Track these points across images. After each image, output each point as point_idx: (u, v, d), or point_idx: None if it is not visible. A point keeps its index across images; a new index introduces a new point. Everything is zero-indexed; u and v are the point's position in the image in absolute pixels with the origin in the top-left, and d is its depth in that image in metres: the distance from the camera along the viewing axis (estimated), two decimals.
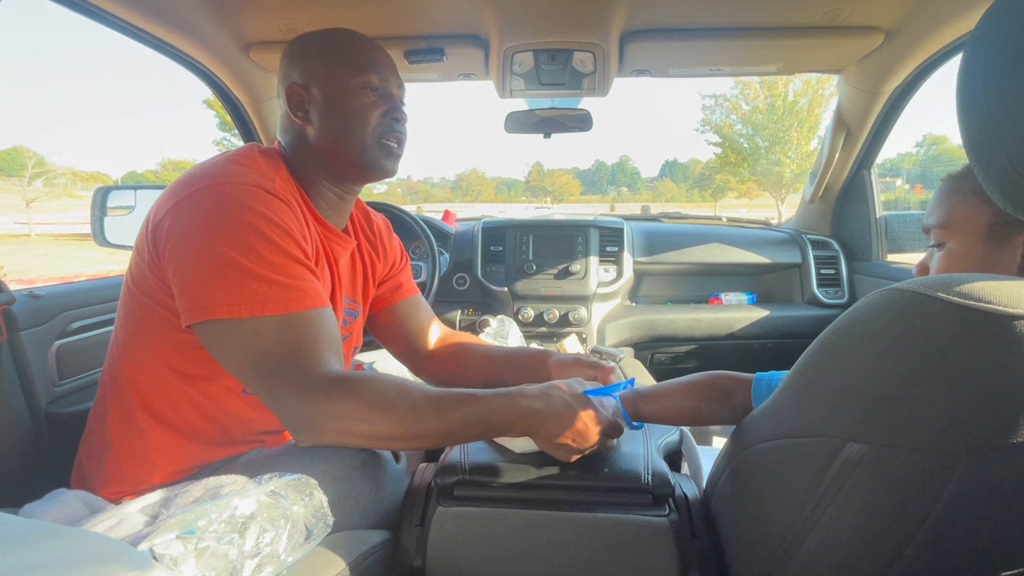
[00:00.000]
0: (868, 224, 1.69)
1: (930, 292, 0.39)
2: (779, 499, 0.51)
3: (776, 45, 1.28)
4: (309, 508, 0.55)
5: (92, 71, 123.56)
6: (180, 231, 0.65)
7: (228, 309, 0.62)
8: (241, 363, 0.64)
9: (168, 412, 0.71)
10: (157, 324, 0.70)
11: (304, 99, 0.79)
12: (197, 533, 0.47)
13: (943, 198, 0.66)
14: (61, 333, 1.04)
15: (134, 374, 0.72)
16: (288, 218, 0.69)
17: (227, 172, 0.69)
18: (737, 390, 0.72)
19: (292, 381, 0.62)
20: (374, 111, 0.79)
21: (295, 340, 0.63)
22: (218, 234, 0.64)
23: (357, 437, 0.64)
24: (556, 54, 1.29)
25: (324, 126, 0.78)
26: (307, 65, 0.79)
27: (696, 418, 0.75)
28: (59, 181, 27.23)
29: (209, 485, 0.58)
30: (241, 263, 0.63)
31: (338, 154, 0.79)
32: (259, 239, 0.65)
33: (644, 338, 1.73)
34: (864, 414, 0.43)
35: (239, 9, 1.16)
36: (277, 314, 0.63)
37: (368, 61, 0.80)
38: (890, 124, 1.56)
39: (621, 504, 0.65)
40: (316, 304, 0.67)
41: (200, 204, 0.66)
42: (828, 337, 0.48)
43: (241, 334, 0.63)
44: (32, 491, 0.68)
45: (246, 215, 0.65)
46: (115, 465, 0.72)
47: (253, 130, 1.57)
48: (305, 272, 0.68)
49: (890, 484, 0.42)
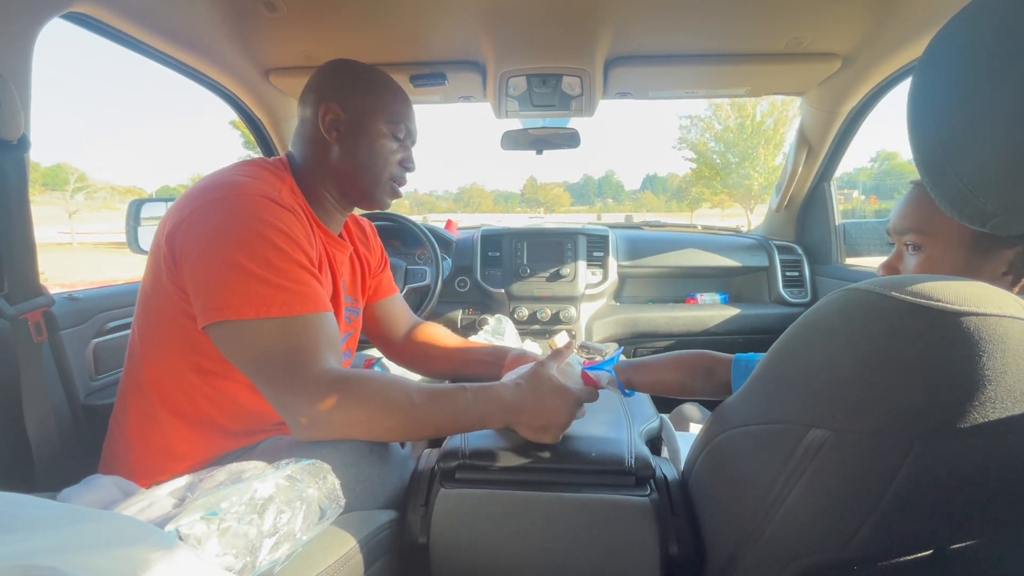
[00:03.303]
0: (828, 231, 1.69)
1: (885, 291, 0.39)
2: (750, 480, 0.51)
3: (745, 70, 1.28)
4: (323, 490, 0.55)
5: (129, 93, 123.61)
6: (195, 239, 0.65)
7: (236, 311, 0.61)
8: (247, 361, 0.63)
9: (189, 409, 0.70)
10: (175, 326, 0.68)
11: (338, 120, 0.79)
12: (220, 514, 0.47)
13: (921, 203, 0.61)
14: (98, 332, 1.03)
15: (157, 376, 0.71)
16: (294, 226, 0.68)
17: (237, 184, 0.68)
18: (718, 368, 0.72)
19: (293, 379, 0.61)
20: (394, 156, 0.82)
21: (297, 341, 0.63)
22: (229, 241, 0.63)
23: (354, 432, 0.63)
24: (547, 78, 1.29)
25: (349, 151, 0.79)
26: (350, 95, 0.79)
27: (681, 391, 0.75)
28: (99, 195, 27.11)
29: (232, 470, 0.57)
30: (250, 268, 0.62)
31: (353, 179, 0.81)
32: (267, 246, 0.64)
33: (628, 334, 1.73)
34: (825, 402, 0.42)
35: (260, 38, 1.15)
36: (281, 316, 0.62)
37: (403, 115, 0.82)
38: (847, 141, 1.56)
39: (607, 485, 0.65)
40: (318, 308, 0.66)
41: (213, 214, 0.65)
42: (793, 333, 0.48)
43: (247, 334, 0.62)
44: (71, 477, 0.67)
45: (255, 224, 0.65)
46: (138, 461, 0.71)
47: (273, 148, 1.57)
48: (309, 278, 0.67)
49: (849, 466, 0.42)
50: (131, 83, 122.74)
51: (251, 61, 1.25)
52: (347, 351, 0.92)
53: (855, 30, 1.13)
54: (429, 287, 1.57)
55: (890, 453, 0.39)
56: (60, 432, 0.91)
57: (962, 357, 0.36)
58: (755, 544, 0.50)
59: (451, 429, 0.67)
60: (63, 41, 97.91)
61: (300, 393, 0.61)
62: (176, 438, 0.70)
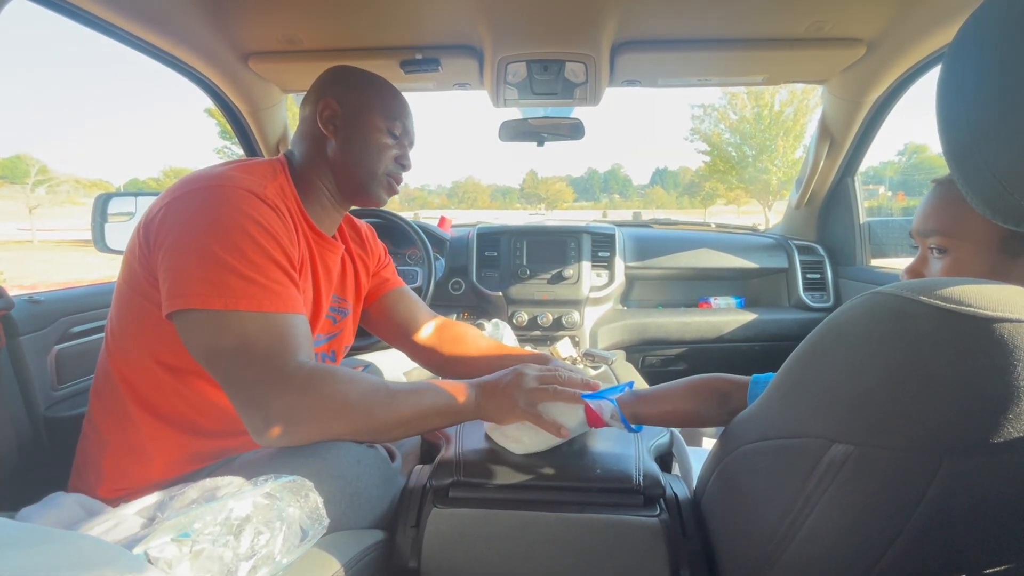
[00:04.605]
0: (852, 230, 1.70)
1: (913, 296, 0.39)
2: (767, 499, 0.51)
3: (762, 56, 1.29)
4: (304, 509, 0.55)
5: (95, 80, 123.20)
6: (169, 225, 0.67)
7: (202, 299, 0.62)
8: (208, 353, 0.64)
9: (162, 406, 0.71)
10: (146, 319, 0.70)
11: (335, 115, 0.84)
12: (192, 536, 0.47)
13: (945, 203, 0.61)
14: (60, 338, 1.03)
15: (126, 370, 0.72)
16: (276, 224, 0.70)
17: (221, 176, 0.71)
18: (733, 392, 0.71)
19: (263, 373, 0.62)
20: (390, 152, 0.87)
21: (264, 338, 0.64)
22: (205, 230, 0.65)
23: (328, 428, 0.64)
24: (548, 64, 1.29)
25: (345, 145, 0.84)
26: (348, 91, 0.85)
27: (694, 421, 0.74)
28: (62, 188, 27.03)
29: (205, 487, 0.57)
30: (222, 257, 0.64)
31: (348, 172, 0.85)
32: (243, 238, 0.66)
33: (635, 341, 1.73)
34: (849, 415, 0.42)
35: (239, 20, 1.15)
36: (250, 311, 0.64)
37: (400, 113, 0.88)
38: (872, 133, 1.57)
39: (613, 505, 0.65)
40: (288, 308, 0.67)
41: (191, 203, 0.68)
42: (814, 340, 0.48)
43: (211, 324, 0.63)
44: (31, 495, 0.67)
45: (234, 215, 0.67)
46: (112, 462, 0.72)
47: (252, 138, 1.57)
48: (283, 277, 0.69)
49: (875, 484, 0.42)
50: (97, 68, 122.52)
51: (228, 45, 1.25)
52: (331, 352, 0.93)
53: (881, 13, 1.14)
54: (421, 289, 1.57)
55: (918, 470, 0.39)
56: (19, 447, 0.90)
57: (995, 366, 0.36)
58: (773, 569, 0.50)
59: (430, 413, 0.70)
60: (22, 22, 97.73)
61: (271, 387, 0.62)
62: (149, 436, 0.71)
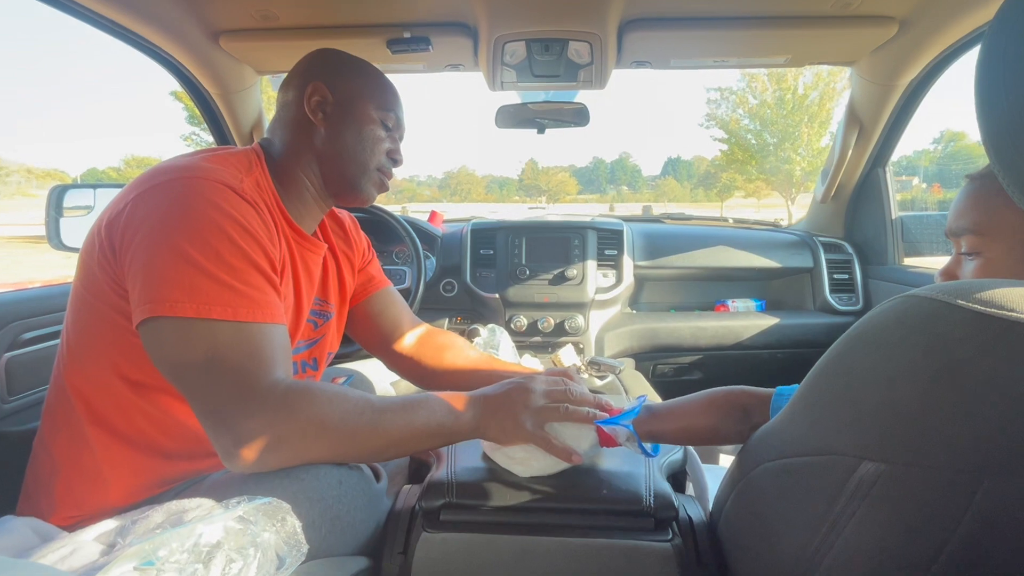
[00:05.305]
0: (883, 225, 1.70)
1: (950, 299, 0.39)
2: (790, 522, 0.51)
3: (784, 35, 1.29)
4: (281, 534, 0.55)
5: (49, 59, 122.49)
6: (137, 224, 0.66)
7: (171, 306, 0.61)
8: (174, 365, 0.63)
9: (121, 425, 0.70)
10: (107, 329, 0.69)
11: (325, 102, 0.84)
12: (157, 564, 0.47)
13: (978, 200, 0.62)
14: (11, 344, 1.03)
15: (83, 385, 0.71)
16: (254, 221, 0.70)
17: (193, 167, 0.69)
18: (756, 407, 0.71)
19: (237, 390, 0.61)
20: (382, 145, 0.88)
21: (237, 351, 0.63)
22: (177, 228, 0.64)
23: (310, 452, 0.64)
24: (550, 44, 1.30)
25: (336, 134, 0.84)
26: (338, 76, 0.85)
27: (713, 438, 0.74)
28: (12, 179, 26.97)
29: (171, 510, 0.57)
30: (196, 259, 0.63)
31: (337, 165, 0.85)
32: (220, 238, 0.65)
33: (646, 348, 1.74)
34: (880, 430, 0.43)
35: None
36: (223, 319, 0.63)
37: (393, 103, 0.89)
38: (905, 119, 1.57)
39: (621, 528, 0.65)
40: (268, 318, 0.66)
41: (161, 197, 0.67)
42: (841, 347, 0.48)
43: (179, 334, 0.62)
44: None
45: (209, 211, 0.66)
46: (65, 488, 0.71)
47: (223, 124, 1.57)
48: (263, 283, 0.68)
49: (909, 505, 0.42)
50: (51, 45, 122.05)
51: (198, 21, 1.25)
52: (312, 360, 0.93)
53: None
54: (409, 291, 1.57)
55: (955, 491, 0.39)
56: None
57: None
58: None
59: (422, 433, 0.69)
60: None
61: (243, 406, 0.61)
62: (107, 459, 0.70)
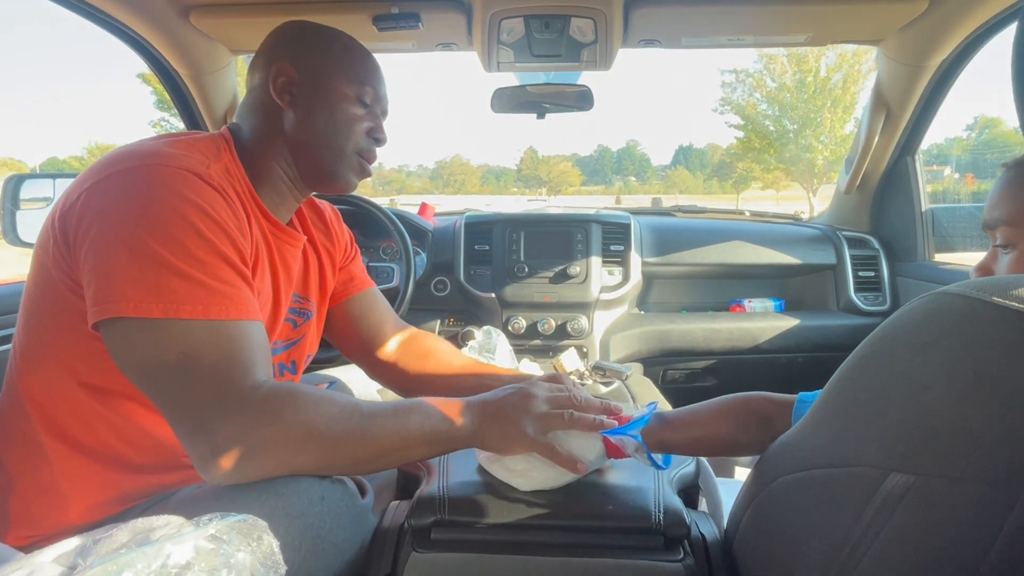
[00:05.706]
0: (913, 218, 1.70)
1: (984, 296, 0.39)
2: (812, 539, 0.51)
3: (805, 11, 1.29)
4: (257, 555, 0.54)
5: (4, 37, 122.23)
6: (93, 215, 0.65)
7: (136, 306, 0.60)
8: (143, 370, 0.62)
9: (81, 435, 0.70)
10: (63, 330, 0.68)
11: (292, 83, 0.82)
12: None
13: (1013, 189, 0.63)
14: None
15: (38, 392, 0.70)
16: (222, 210, 0.69)
17: (154, 153, 0.68)
18: (777, 415, 0.71)
19: (214, 393, 0.61)
20: (360, 124, 0.85)
21: (212, 352, 0.62)
22: (137, 220, 0.63)
23: (293, 461, 0.63)
24: (550, 21, 1.29)
25: (306, 118, 0.82)
26: (305, 52, 0.83)
27: (730, 448, 0.74)
28: None
29: (137, 528, 0.57)
30: (160, 255, 0.62)
31: (311, 152, 0.84)
32: (186, 230, 0.64)
33: (655, 352, 1.74)
34: (908, 439, 0.43)
35: None
36: (194, 318, 0.62)
37: (369, 76, 0.86)
38: (936, 103, 1.58)
39: (627, 547, 0.65)
40: (242, 315, 0.66)
41: (119, 186, 0.66)
42: (867, 350, 0.48)
43: (147, 336, 0.61)
44: None
45: (173, 201, 0.65)
46: (21, 505, 0.70)
47: (194, 107, 1.57)
48: (235, 277, 0.67)
49: (940, 520, 0.42)
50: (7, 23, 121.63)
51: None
52: (290, 363, 0.93)
53: None
54: (397, 290, 1.57)
55: (992, 503, 0.39)
56: None
57: None
58: None
59: (416, 441, 0.68)
60: None
61: (220, 411, 0.60)
62: (66, 473, 0.70)
